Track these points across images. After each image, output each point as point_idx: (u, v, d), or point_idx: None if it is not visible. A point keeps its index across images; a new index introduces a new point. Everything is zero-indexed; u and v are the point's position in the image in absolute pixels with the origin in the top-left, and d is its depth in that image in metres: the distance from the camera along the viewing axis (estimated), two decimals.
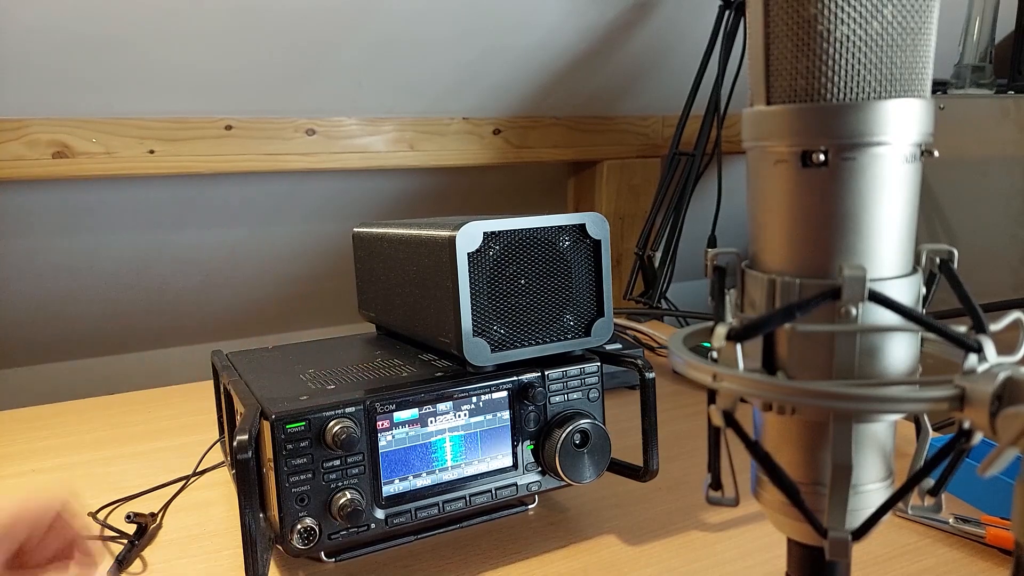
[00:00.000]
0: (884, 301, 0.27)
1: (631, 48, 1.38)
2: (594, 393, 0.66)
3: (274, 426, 0.54)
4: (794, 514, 0.29)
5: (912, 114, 0.27)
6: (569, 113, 1.47)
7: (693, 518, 0.69)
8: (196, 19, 1.05)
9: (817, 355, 0.28)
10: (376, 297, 0.80)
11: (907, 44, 0.27)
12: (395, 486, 0.58)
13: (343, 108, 1.27)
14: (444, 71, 1.29)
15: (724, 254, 0.31)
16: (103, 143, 1.11)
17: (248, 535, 0.52)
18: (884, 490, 0.31)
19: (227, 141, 1.19)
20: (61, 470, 0.83)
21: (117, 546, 0.65)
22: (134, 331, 1.41)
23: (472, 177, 1.49)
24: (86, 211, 1.20)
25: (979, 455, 0.26)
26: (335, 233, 1.41)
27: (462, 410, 0.61)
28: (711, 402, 0.29)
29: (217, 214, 1.31)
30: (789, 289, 0.29)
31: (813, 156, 0.28)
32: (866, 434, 0.30)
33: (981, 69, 1.15)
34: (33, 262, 1.23)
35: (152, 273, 1.33)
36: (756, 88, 0.29)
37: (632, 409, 0.68)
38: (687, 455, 0.80)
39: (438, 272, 0.62)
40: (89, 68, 1.05)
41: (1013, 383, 0.25)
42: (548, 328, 0.63)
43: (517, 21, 1.24)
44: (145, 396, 1.07)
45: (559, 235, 0.63)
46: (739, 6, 1.28)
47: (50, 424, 0.96)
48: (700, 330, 0.33)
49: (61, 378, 1.38)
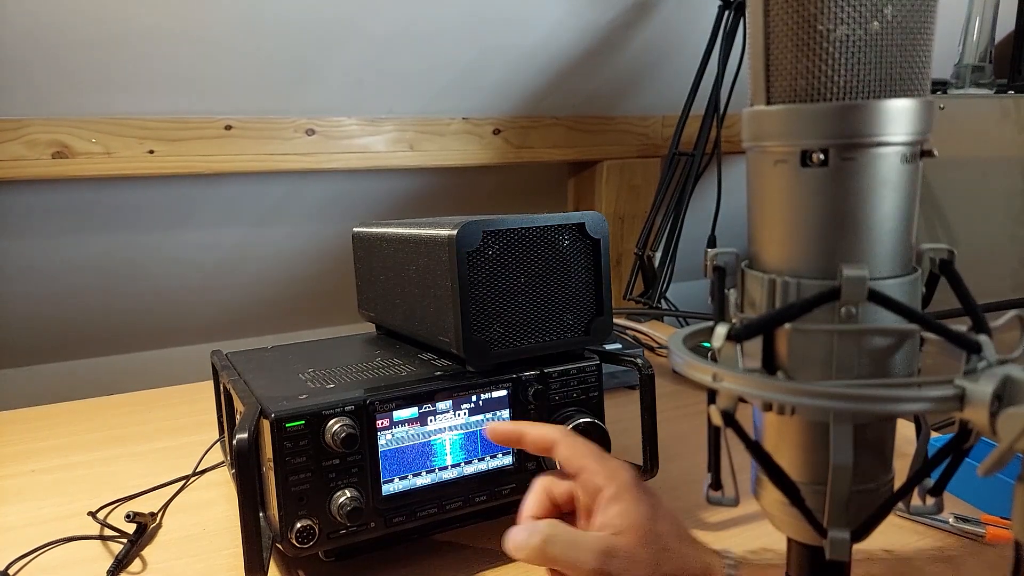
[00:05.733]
0: (884, 301, 0.27)
1: (631, 48, 1.38)
2: (594, 392, 0.66)
3: (274, 425, 0.54)
4: (794, 514, 0.29)
5: (912, 114, 0.27)
6: (569, 113, 1.47)
7: (693, 518, 0.68)
8: (196, 19, 1.05)
9: (817, 355, 0.28)
10: (376, 297, 0.80)
11: (907, 44, 0.27)
12: (395, 485, 0.58)
13: (343, 108, 1.27)
14: (444, 71, 1.29)
15: (724, 254, 0.31)
16: (103, 143, 1.11)
17: (248, 534, 0.52)
18: (884, 490, 0.30)
19: (227, 141, 1.19)
20: (61, 470, 0.83)
21: (117, 546, 0.65)
22: (134, 331, 1.41)
23: (472, 177, 1.49)
24: (86, 211, 1.20)
25: (979, 455, 0.26)
26: (335, 233, 1.41)
27: (462, 409, 0.61)
28: (711, 402, 0.29)
29: (217, 214, 1.31)
30: (789, 289, 0.29)
31: (813, 156, 0.28)
32: (866, 434, 0.30)
33: (981, 69, 1.15)
34: (33, 262, 1.22)
35: (152, 273, 1.33)
36: (756, 88, 0.29)
37: (632, 409, 0.68)
38: (687, 455, 0.80)
39: (438, 272, 0.62)
40: (89, 68, 1.05)
41: (1013, 383, 0.25)
42: (548, 327, 0.63)
43: (517, 21, 1.24)
44: (145, 396, 1.07)
45: (559, 234, 0.63)
46: (739, 6, 1.28)
47: (50, 424, 0.96)
48: (700, 330, 0.33)
49: (61, 378, 1.38)
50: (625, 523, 0.49)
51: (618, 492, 0.50)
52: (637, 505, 0.50)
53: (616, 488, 0.50)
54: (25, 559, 0.64)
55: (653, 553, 0.48)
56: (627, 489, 0.50)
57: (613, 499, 0.50)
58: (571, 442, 0.53)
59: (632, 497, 0.50)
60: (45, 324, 1.32)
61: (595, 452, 0.53)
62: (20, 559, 0.64)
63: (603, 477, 0.51)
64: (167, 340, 1.46)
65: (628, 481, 0.51)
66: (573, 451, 0.53)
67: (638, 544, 0.48)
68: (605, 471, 0.51)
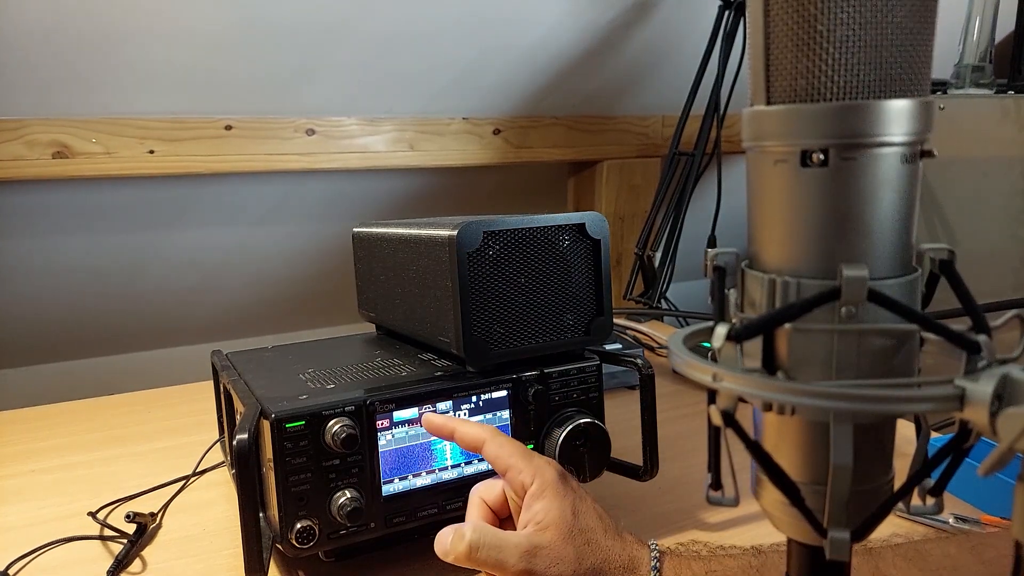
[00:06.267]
0: (884, 301, 0.27)
1: (631, 48, 1.38)
2: (594, 393, 0.66)
3: (274, 425, 0.54)
4: (794, 514, 0.29)
5: (912, 114, 0.27)
6: (569, 113, 1.47)
7: (693, 518, 0.69)
8: (196, 19, 1.05)
9: (817, 355, 0.28)
10: (376, 297, 0.80)
11: (907, 44, 0.27)
12: (395, 485, 0.58)
13: (343, 108, 1.27)
14: (444, 71, 1.29)
15: (724, 254, 0.31)
16: (103, 143, 1.11)
17: (248, 535, 0.52)
18: (884, 490, 0.30)
19: (227, 141, 1.19)
20: (61, 470, 0.83)
21: (117, 546, 0.65)
22: (134, 331, 1.41)
23: (472, 177, 1.49)
24: (86, 211, 1.20)
25: (979, 455, 0.26)
26: (335, 233, 1.41)
27: (462, 409, 0.61)
28: (711, 402, 0.29)
29: (217, 214, 1.31)
30: (789, 289, 0.29)
31: (813, 156, 0.28)
32: (866, 434, 0.30)
33: (981, 69, 1.15)
34: (33, 262, 1.22)
35: (152, 273, 1.33)
36: (756, 88, 0.29)
37: (632, 409, 0.68)
38: (687, 455, 0.80)
39: (438, 272, 0.62)
40: (89, 68, 1.05)
41: (1013, 383, 0.24)
42: (548, 328, 0.63)
43: (517, 21, 1.24)
44: (145, 396, 1.07)
45: (559, 235, 0.63)
46: (739, 6, 1.28)
47: (50, 424, 0.96)
48: (700, 330, 0.33)
49: (61, 378, 1.38)
50: (548, 519, 0.50)
51: (541, 488, 0.51)
52: (560, 501, 0.50)
53: (540, 484, 0.51)
54: (25, 559, 0.64)
55: (576, 548, 0.49)
56: (550, 485, 0.51)
57: (536, 495, 0.51)
58: (499, 441, 0.54)
59: (555, 493, 0.51)
60: (45, 324, 1.32)
61: (521, 451, 0.54)
62: (20, 559, 0.64)
63: (528, 474, 0.52)
64: (167, 340, 1.46)
65: (551, 478, 0.52)
66: (500, 450, 0.53)
67: (561, 541, 0.49)
68: (530, 468, 0.52)
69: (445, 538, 0.49)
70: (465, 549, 0.48)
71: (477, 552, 0.48)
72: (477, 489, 0.56)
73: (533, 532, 0.50)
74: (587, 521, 0.51)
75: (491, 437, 0.54)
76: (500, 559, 0.48)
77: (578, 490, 0.53)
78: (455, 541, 0.49)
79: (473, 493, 0.56)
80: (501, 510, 0.55)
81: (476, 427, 0.56)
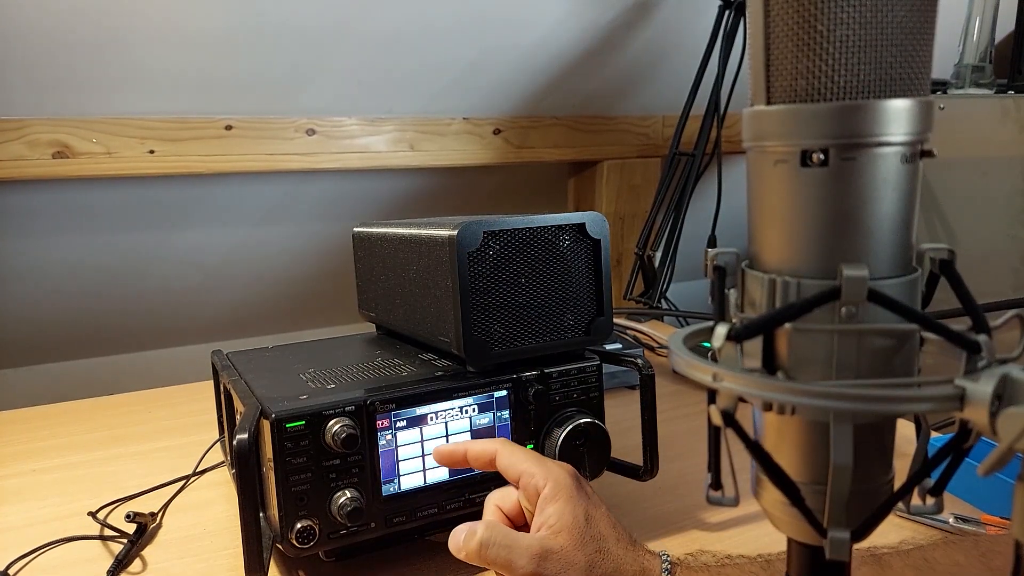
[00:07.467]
0: (884, 301, 0.27)
1: (631, 48, 1.38)
2: (594, 393, 0.66)
3: (274, 425, 0.54)
4: (794, 514, 0.29)
5: (912, 114, 0.27)
6: (569, 113, 1.47)
7: (693, 518, 0.69)
8: (196, 19, 1.05)
9: (817, 355, 0.28)
10: (376, 297, 0.80)
11: (907, 44, 0.27)
12: (395, 485, 0.58)
13: (343, 108, 1.27)
14: (444, 71, 1.29)
15: (724, 254, 0.31)
16: (103, 143, 1.11)
17: (248, 535, 0.52)
18: (884, 490, 0.30)
19: (227, 141, 1.19)
20: (61, 470, 0.83)
21: (117, 546, 0.65)
22: (134, 331, 1.41)
23: (472, 177, 1.49)
24: (86, 211, 1.20)
25: (979, 455, 0.26)
26: (335, 233, 1.41)
27: (462, 409, 0.61)
28: (711, 402, 0.29)
29: (217, 214, 1.31)
30: (789, 289, 0.29)
31: (813, 156, 0.28)
32: (866, 434, 0.30)
33: (981, 69, 1.15)
34: (33, 262, 1.22)
35: (152, 273, 1.33)
36: (756, 88, 0.29)
37: (632, 409, 0.68)
38: (687, 455, 0.80)
39: (438, 272, 0.62)
40: (89, 68, 1.05)
41: (1013, 383, 0.24)
42: (548, 327, 0.63)
43: (517, 21, 1.24)
44: (145, 396, 1.07)
45: (559, 235, 0.63)
46: (739, 6, 1.28)
47: (50, 424, 0.96)
48: (700, 330, 0.33)
49: (61, 378, 1.38)
50: (560, 523, 0.49)
51: (555, 491, 0.51)
52: (573, 506, 0.50)
53: (553, 488, 0.51)
54: (25, 559, 0.64)
55: (587, 555, 0.49)
56: (564, 489, 0.51)
57: (549, 499, 0.51)
58: (510, 450, 0.54)
59: (568, 497, 0.51)
60: (45, 324, 1.32)
61: (533, 456, 0.54)
62: (20, 559, 0.64)
63: (540, 478, 0.52)
64: (167, 340, 1.46)
65: (565, 481, 0.52)
66: (512, 457, 0.54)
67: (572, 546, 0.49)
68: (542, 472, 0.52)
69: (459, 535, 0.49)
70: (476, 546, 0.48)
71: (488, 550, 0.48)
72: (492, 496, 0.56)
73: (545, 535, 0.49)
74: (600, 528, 0.51)
75: (502, 447, 0.54)
76: (510, 559, 0.48)
77: (592, 496, 0.53)
78: (467, 538, 0.49)
79: (488, 500, 0.56)
80: (516, 518, 0.55)
81: (485, 442, 0.56)
